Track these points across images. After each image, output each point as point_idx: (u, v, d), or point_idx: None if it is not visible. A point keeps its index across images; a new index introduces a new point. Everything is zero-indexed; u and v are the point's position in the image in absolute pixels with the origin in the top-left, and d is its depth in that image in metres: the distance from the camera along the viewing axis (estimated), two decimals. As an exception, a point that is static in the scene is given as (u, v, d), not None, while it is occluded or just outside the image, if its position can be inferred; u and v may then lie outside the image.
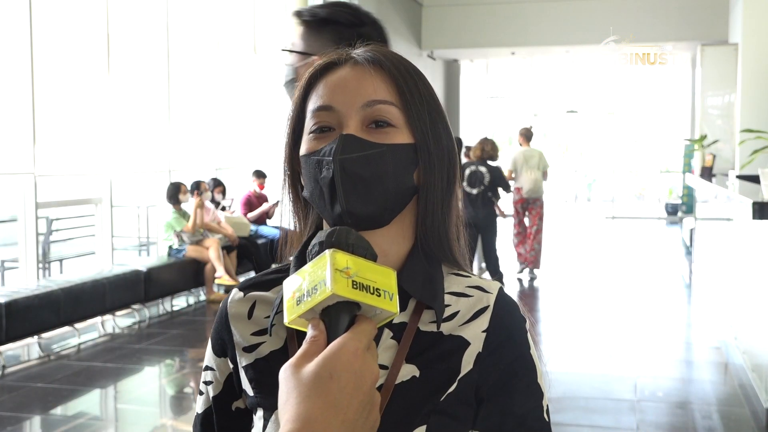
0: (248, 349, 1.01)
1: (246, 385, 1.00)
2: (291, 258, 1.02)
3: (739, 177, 7.16)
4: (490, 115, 17.18)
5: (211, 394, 1.06)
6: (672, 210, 16.41)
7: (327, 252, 0.81)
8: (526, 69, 17.75)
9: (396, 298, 0.83)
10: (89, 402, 5.15)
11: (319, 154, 0.94)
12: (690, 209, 13.23)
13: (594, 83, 18.12)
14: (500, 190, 8.08)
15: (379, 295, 0.81)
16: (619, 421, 4.60)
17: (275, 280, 1.04)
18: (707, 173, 9.10)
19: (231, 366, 1.03)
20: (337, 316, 0.80)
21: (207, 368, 1.06)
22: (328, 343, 0.79)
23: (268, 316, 1.00)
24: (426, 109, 0.97)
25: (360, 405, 0.76)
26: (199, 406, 1.08)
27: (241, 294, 1.05)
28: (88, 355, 6.09)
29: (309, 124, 0.97)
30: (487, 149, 7.98)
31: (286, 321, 0.83)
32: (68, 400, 5.06)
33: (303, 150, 0.97)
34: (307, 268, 0.83)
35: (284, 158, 1.03)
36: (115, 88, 7.94)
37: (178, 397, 5.37)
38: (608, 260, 11.17)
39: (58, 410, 4.89)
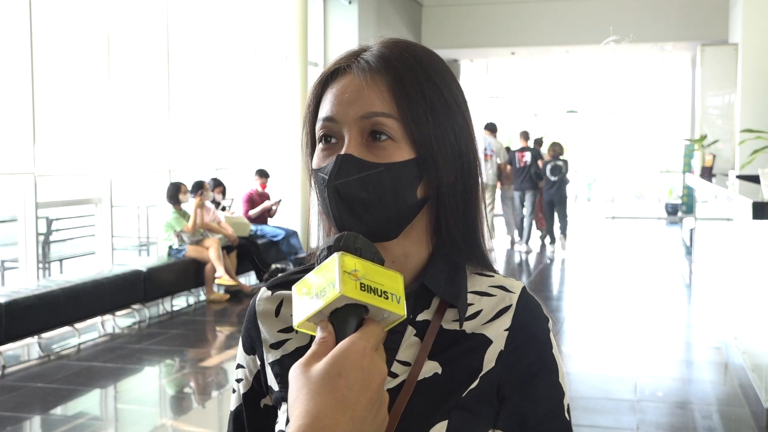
0: (275, 346, 1.02)
1: (272, 381, 1.02)
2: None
3: (739, 177, 7.17)
4: (490, 115, 17.18)
5: (241, 391, 1.07)
6: (672, 210, 16.41)
7: (335, 255, 0.82)
8: (526, 69, 17.75)
9: (403, 301, 0.83)
10: (89, 402, 5.15)
11: (323, 172, 0.94)
12: (690, 209, 13.24)
13: (594, 83, 18.11)
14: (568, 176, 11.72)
15: (387, 298, 0.81)
16: (619, 421, 4.60)
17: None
18: (707, 173, 9.10)
19: (259, 363, 1.05)
20: (345, 318, 0.81)
21: (238, 366, 1.08)
22: (337, 344, 0.80)
23: None
24: (430, 116, 0.93)
25: (368, 402, 0.77)
26: (232, 402, 1.09)
27: (269, 292, 1.06)
28: (88, 355, 6.09)
29: (318, 132, 0.97)
30: (557, 150, 11.64)
31: (294, 324, 0.83)
32: (68, 400, 5.06)
33: (314, 162, 0.97)
34: (316, 271, 0.84)
35: (306, 162, 1.02)
36: (115, 88, 7.94)
37: (178, 397, 5.37)
38: (608, 260, 11.17)
39: (58, 410, 4.89)
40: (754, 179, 6.17)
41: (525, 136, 12.02)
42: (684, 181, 14.46)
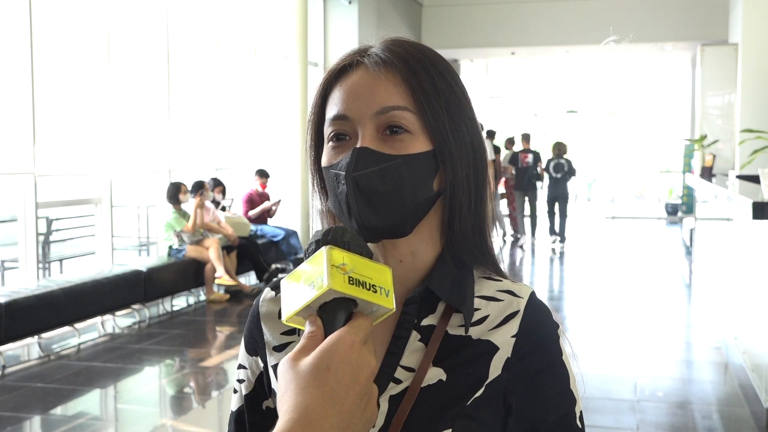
0: (278, 348, 1.02)
1: (275, 384, 1.01)
2: None
3: (739, 177, 7.17)
4: (491, 115, 17.18)
5: (243, 393, 1.06)
6: (672, 210, 16.41)
7: (323, 249, 0.82)
8: (526, 69, 17.75)
9: (392, 294, 0.83)
10: (89, 402, 5.15)
11: (336, 168, 0.93)
12: (690, 209, 13.24)
13: (594, 83, 18.11)
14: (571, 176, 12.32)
15: (375, 292, 0.81)
16: (619, 421, 4.60)
17: None
18: (707, 173, 9.10)
19: (261, 365, 1.04)
20: (333, 312, 0.80)
21: (240, 366, 1.07)
22: (325, 338, 0.79)
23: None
24: (444, 109, 0.94)
25: (357, 396, 0.76)
26: (233, 403, 1.08)
27: (272, 293, 1.06)
28: (88, 355, 6.09)
29: (327, 132, 0.96)
30: (562, 149, 12.27)
31: (283, 318, 0.83)
32: (68, 400, 5.06)
33: (323, 160, 0.96)
34: (304, 266, 0.83)
35: (309, 162, 1.02)
36: (115, 88, 7.94)
37: (178, 397, 5.37)
38: (608, 260, 11.17)
39: (58, 410, 4.89)
40: (754, 179, 6.17)
41: (527, 138, 12.65)
42: (684, 181, 14.46)
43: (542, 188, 12.69)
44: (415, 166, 0.92)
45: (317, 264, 0.81)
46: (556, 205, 12.30)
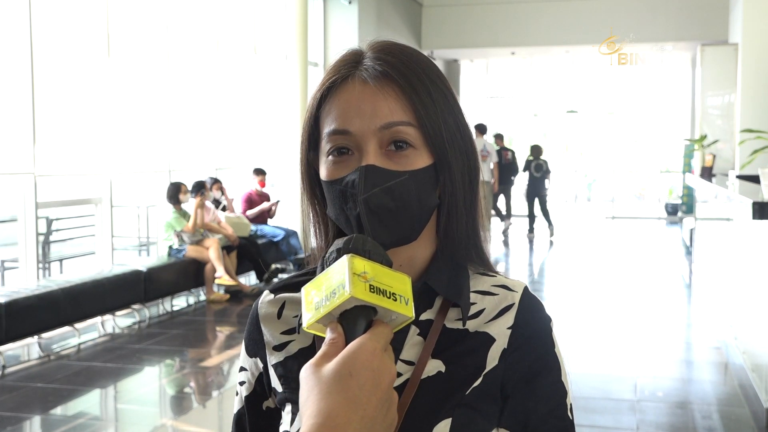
0: (278, 348, 1.03)
1: (275, 383, 1.03)
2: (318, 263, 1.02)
3: (739, 177, 7.17)
4: (490, 115, 17.18)
5: (243, 394, 1.08)
6: (672, 210, 16.40)
7: (345, 257, 0.83)
8: (526, 69, 17.74)
9: (411, 303, 0.85)
10: (89, 402, 5.15)
11: (341, 184, 0.94)
12: (690, 209, 13.23)
13: (594, 83, 18.11)
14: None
15: (395, 300, 0.83)
16: (619, 421, 4.60)
17: (304, 282, 1.06)
18: (707, 173, 9.10)
19: (261, 365, 1.05)
20: (354, 320, 0.82)
21: (241, 369, 1.09)
22: (347, 345, 0.81)
23: (296, 316, 1.03)
24: (442, 120, 0.95)
25: (379, 402, 0.78)
26: (235, 405, 1.11)
27: (272, 296, 1.07)
28: (88, 355, 6.09)
29: (326, 145, 0.96)
30: (540, 151, 13.54)
31: (304, 326, 0.85)
32: (68, 400, 5.06)
33: (324, 173, 0.97)
34: (325, 273, 0.85)
35: (300, 169, 1.03)
36: (115, 88, 7.94)
37: (178, 397, 5.37)
38: (608, 260, 11.17)
39: (58, 410, 4.89)
40: (754, 179, 6.17)
41: (501, 137, 13.92)
42: (684, 181, 14.45)
43: (514, 184, 14.01)
44: (421, 180, 0.94)
45: (339, 272, 0.83)
46: (536, 201, 13.49)
